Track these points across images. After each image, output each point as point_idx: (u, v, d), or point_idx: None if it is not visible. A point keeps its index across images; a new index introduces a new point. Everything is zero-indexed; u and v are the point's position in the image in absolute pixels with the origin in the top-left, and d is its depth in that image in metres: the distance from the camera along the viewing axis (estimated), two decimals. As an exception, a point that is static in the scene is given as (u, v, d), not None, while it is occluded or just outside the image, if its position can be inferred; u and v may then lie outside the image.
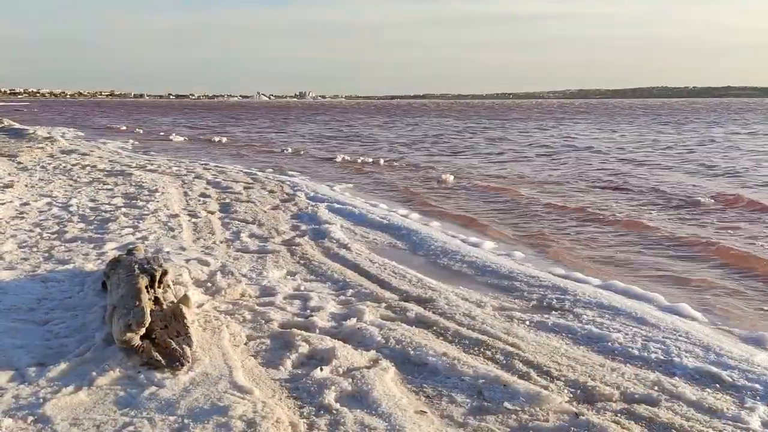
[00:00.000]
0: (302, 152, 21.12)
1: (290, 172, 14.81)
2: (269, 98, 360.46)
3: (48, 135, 24.95)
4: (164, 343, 3.75)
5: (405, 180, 13.95)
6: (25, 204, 9.23)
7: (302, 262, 6.35)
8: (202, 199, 10.13)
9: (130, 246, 6.12)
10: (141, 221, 8.14)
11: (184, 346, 3.75)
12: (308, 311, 4.80)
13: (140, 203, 9.48)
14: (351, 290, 5.35)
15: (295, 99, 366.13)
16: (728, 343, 4.25)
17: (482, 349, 4.10)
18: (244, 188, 11.31)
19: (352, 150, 21.73)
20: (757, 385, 3.61)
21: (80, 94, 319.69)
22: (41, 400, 3.32)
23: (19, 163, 14.87)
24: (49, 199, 9.68)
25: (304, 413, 3.28)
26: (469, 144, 24.95)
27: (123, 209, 8.96)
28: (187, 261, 6.12)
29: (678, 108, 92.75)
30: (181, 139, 27.12)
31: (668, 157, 19.21)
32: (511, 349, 4.09)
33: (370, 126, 41.03)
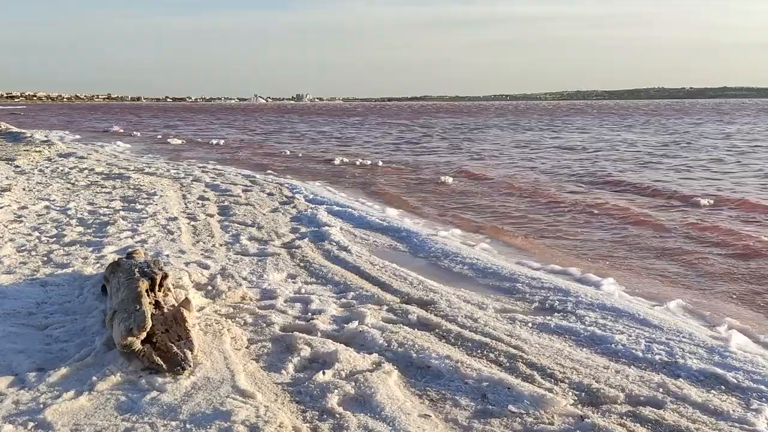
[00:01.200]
0: (300, 154, 21.10)
1: (288, 175, 14.78)
2: (266, 101, 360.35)
3: (45, 138, 24.90)
4: (165, 347, 3.72)
5: (406, 181, 13.94)
6: (23, 208, 9.19)
7: (302, 264, 6.32)
8: (200, 202, 10.09)
9: (130, 249, 6.08)
10: (140, 224, 8.10)
11: (185, 350, 3.72)
12: (309, 314, 4.77)
13: (139, 206, 9.45)
14: (352, 293, 5.33)
15: (293, 101, 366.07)
16: (733, 344, 4.22)
17: (485, 352, 4.08)
18: (243, 191, 11.28)
19: (347, 151, 21.73)
20: (763, 387, 3.59)
21: (77, 97, 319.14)
22: (41, 406, 3.29)
23: (17, 166, 14.82)
24: (47, 203, 9.63)
25: (307, 417, 3.25)
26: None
27: (121, 212, 8.93)
28: (187, 264, 6.09)
29: (648, 108, 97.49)
30: (179, 141, 27.09)
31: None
32: (514, 351, 4.07)
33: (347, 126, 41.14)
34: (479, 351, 4.10)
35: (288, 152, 21.79)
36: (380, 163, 17.65)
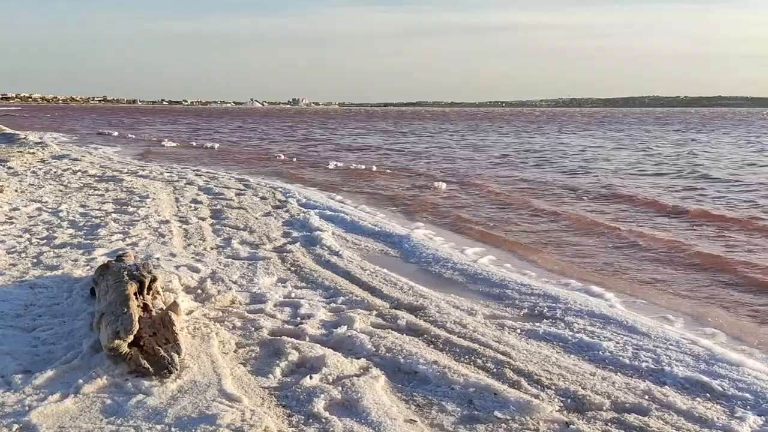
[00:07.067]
0: (294, 159, 21.11)
1: (282, 180, 14.78)
2: (262, 104, 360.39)
3: (39, 140, 24.85)
4: (152, 350, 3.71)
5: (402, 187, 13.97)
6: (15, 209, 9.17)
7: (293, 269, 6.32)
8: (193, 205, 10.08)
9: (120, 252, 6.08)
10: (131, 227, 8.09)
11: (172, 353, 3.71)
12: (299, 319, 4.78)
13: (131, 209, 9.43)
14: (342, 298, 5.33)
15: (289, 105, 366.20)
16: (719, 352, 4.24)
17: (473, 358, 4.09)
18: (236, 194, 11.27)
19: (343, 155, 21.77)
20: (747, 395, 3.62)
21: (73, 99, 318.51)
22: (27, 408, 3.28)
23: (10, 168, 14.77)
24: (39, 205, 9.61)
25: (293, 422, 3.25)
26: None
27: (113, 215, 8.91)
28: (177, 267, 6.08)
29: (618, 116, 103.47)
30: (173, 144, 27.06)
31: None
32: (502, 357, 4.08)
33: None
34: (467, 357, 4.11)
35: (283, 156, 21.79)
36: (374, 168, 17.67)
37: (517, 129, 48.73)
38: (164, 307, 4.20)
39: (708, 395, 3.63)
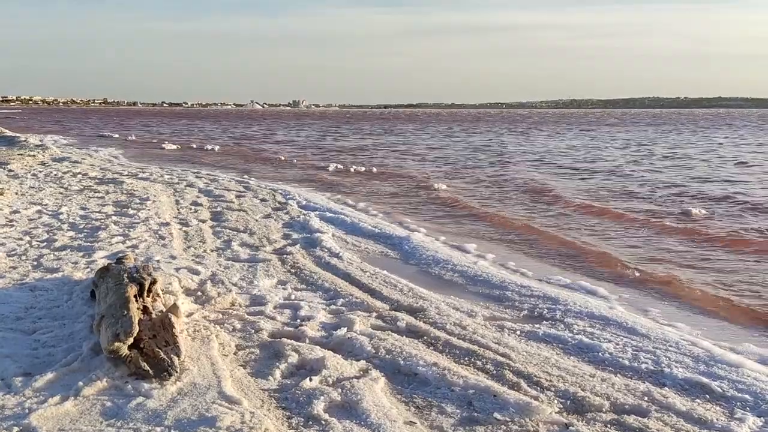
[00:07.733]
0: (295, 160, 21.12)
1: (282, 181, 14.79)
2: (263, 106, 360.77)
3: (40, 142, 24.88)
4: (152, 352, 3.72)
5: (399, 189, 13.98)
6: (15, 212, 9.18)
7: (293, 271, 6.33)
8: (193, 207, 10.09)
9: (120, 254, 6.08)
10: (131, 229, 8.09)
11: (172, 355, 3.72)
12: (298, 321, 4.78)
13: (131, 211, 9.44)
14: (342, 300, 5.33)
15: (289, 107, 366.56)
16: (718, 353, 4.24)
17: (473, 360, 4.09)
18: (236, 197, 11.28)
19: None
20: (747, 396, 3.62)
21: (73, 101, 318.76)
22: (27, 411, 3.29)
23: (10, 170, 14.78)
24: (39, 207, 9.62)
25: (293, 424, 3.26)
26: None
27: (113, 217, 8.92)
28: (178, 270, 6.08)
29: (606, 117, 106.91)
30: (174, 147, 27.05)
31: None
32: (501, 359, 4.08)
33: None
34: (467, 358, 4.11)
35: (282, 158, 21.81)
36: (374, 170, 17.68)
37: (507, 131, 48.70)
38: (164, 310, 4.21)
39: (707, 396, 3.63)
